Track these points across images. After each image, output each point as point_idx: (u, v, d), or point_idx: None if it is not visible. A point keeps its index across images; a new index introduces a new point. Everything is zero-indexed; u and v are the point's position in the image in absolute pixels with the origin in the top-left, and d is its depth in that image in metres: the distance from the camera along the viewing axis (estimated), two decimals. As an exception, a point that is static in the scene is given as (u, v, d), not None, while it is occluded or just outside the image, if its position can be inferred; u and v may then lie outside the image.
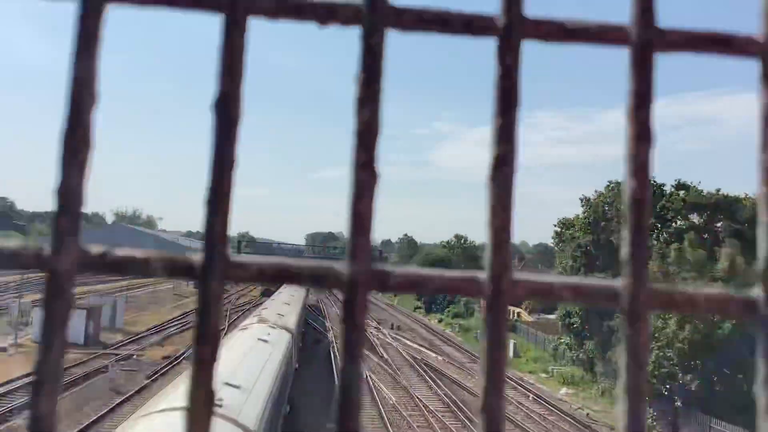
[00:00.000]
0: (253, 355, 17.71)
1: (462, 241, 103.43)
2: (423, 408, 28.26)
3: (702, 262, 28.38)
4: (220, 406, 11.22)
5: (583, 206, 41.77)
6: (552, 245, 60.11)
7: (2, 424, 22.88)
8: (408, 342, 51.27)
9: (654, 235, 35.29)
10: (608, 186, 40.29)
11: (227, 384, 13.03)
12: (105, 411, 24.91)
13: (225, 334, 37.58)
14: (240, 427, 11.72)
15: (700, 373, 25.87)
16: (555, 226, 46.93)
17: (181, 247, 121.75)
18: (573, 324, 40.81)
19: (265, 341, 20.16)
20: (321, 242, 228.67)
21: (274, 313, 29.61)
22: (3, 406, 24.66)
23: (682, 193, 36.79)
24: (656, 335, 27.65)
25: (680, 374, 26.34)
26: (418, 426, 25.21)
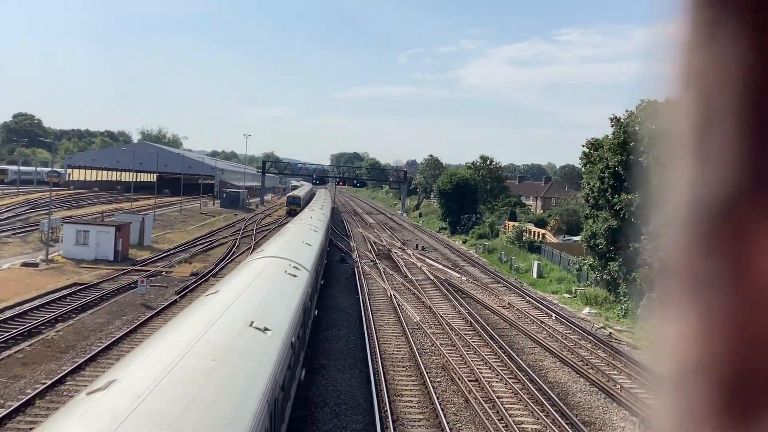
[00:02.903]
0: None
1: (488, 162, 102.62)
2: (446, 326, 28.62)
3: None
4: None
5: (612, 126, 40.91)
6: (579, 167, 59.31)
7: (38, 336, 23.59)
8: (432, 262, 51.64)
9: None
10: (640, 105, 39.30)
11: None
12: (137, 324, 25.54)
13: (252, 251, 38.13)
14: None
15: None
16: (583, 146, 46.21)
17: (207, 167, 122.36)
18: (598, 245, 40.66)
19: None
20: (345, 163, 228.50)
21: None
22: (39, 318, 25.39)
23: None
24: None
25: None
26: (441, 344, 25.58)
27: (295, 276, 18.63)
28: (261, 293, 14.63)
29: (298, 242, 26.85)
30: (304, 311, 16.84)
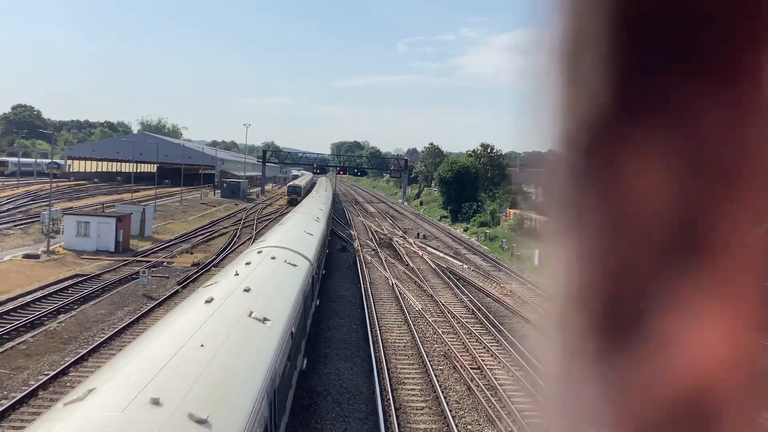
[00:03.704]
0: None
1: (488, 150, 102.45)
2: (448, 314, 28.66)
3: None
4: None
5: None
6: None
7: (40, 327, 23.63)
8: (433, 250, 51.66)
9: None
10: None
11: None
12: (139, 315, 25.58)
13: (253, 241, 38.13)
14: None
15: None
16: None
17: (207, 157, 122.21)
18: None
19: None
20: (346, 151, 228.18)
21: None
22: (41, 309, 25.42)
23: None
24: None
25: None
26: (443, 331, 25.62)
27: (295, 266, 18.79)
28: (260, 283, 14.68)
29: (300, 232, 27.00)
30: (304, 301, 17.00)
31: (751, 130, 0.46)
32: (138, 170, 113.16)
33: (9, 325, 22.89)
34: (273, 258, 18.44)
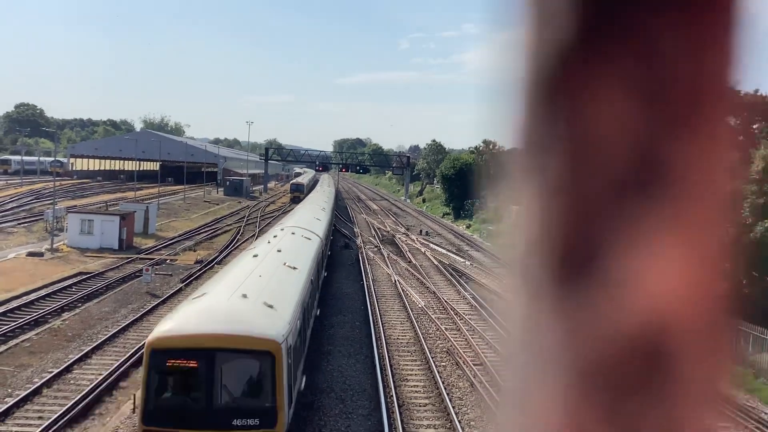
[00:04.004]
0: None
1: (491, 147, 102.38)
2: (450, 310, 28.70)
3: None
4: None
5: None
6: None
7: (44, 325, 23.71)
8: (436, 247, 51.69)
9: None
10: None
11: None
12: (142, 312, 25.65)
13: (256, 238, 38.28)
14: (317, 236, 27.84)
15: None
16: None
17: (210, 155, 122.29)
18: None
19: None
20: (348, 149, 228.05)
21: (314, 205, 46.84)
22: (45, 307, 25.50)
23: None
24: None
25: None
26: (445, 328, 25.66)
27: (309, 239, 26.14)
28: (287, 248, 21.14)
29: (311, 217, 34.36)
30: (317, 262, 24.21)
31: (714, 63, 0.45)
32: (141, 168, 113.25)
33: (13, 323, 22.97)
34: (293, 233, 25.73)
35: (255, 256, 18.83)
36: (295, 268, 18.29)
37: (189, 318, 12.34)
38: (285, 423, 11.66)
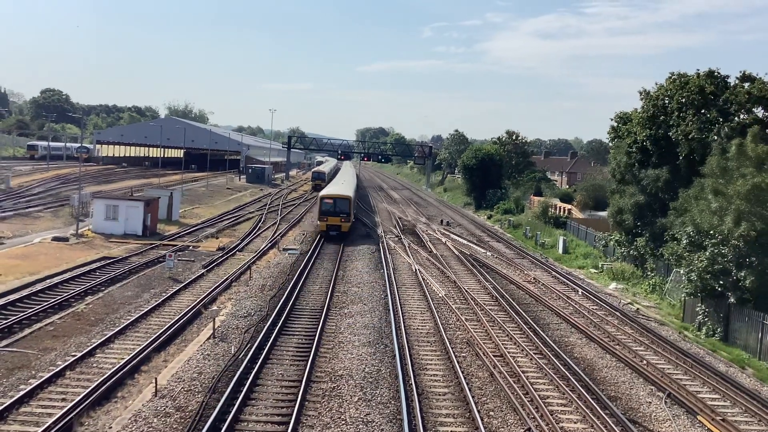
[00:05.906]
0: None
1: (513, 137, 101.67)
2: (471, 300, 28.60)
3: (763, 158, 27.21)
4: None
5: (642, 99, 40.18)
6: (607, 141, 58.37)
7: (68, 308, 23.98)
8: (457, 237, 51.51)
9: (715, 130, 33.95)
10: (670, 78, 38.54)
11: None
12: (165, 297, 25.84)
13: (277, 225, 38.18)
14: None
15: (754, 270, 25.35)
16: (612, 120, 45.57)
17: (233, 142, 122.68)
18: (625, 221, 40.23)
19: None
20: (371, 138, 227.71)
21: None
22: (69, 291, 25.79)
23: (747, 85, 35.02)
24: (711, 232, 27.05)
25: (734, 271, 25.85)
26: (466, 318, 25.59)
27: (352, 174, 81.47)
28: (347, 171, 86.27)
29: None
30: (357, 180, 78.55)
31: None
32: (165, 155, 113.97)
33: (37, 307, 23.26)
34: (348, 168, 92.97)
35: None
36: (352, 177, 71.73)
37: (329, 190, 52.42)
38: (351, 220, 47.85)
